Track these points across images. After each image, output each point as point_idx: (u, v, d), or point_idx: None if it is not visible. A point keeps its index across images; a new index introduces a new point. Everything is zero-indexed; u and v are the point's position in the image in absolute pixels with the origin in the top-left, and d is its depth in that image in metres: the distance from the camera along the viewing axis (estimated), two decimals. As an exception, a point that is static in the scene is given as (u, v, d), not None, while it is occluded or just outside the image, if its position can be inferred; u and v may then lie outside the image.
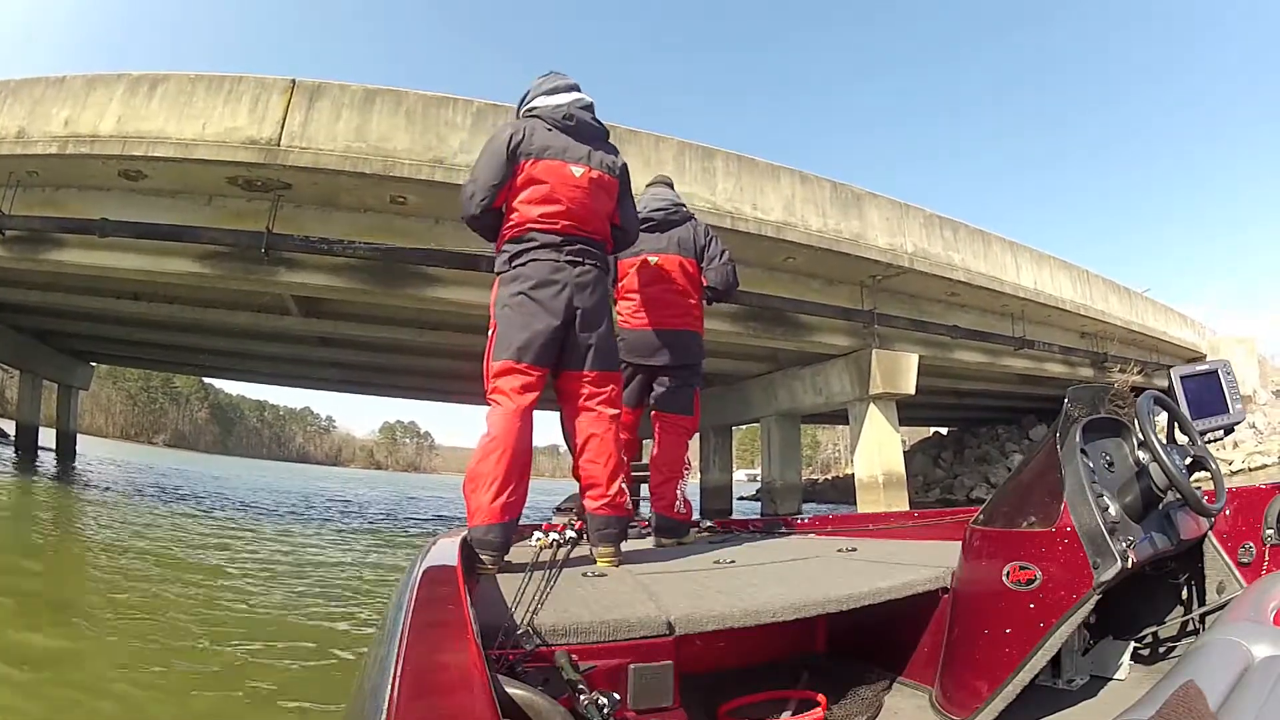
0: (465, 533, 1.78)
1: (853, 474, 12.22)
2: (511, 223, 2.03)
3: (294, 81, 7.88)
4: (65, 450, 20.68)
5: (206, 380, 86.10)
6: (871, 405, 11.36)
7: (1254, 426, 20.35)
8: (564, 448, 2.30)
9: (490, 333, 1.99)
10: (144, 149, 7.64)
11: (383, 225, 8.47)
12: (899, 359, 11.36)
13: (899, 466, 11.44)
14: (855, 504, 11.63)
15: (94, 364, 22.48)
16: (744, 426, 21.47)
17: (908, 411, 12.72)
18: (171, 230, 8.14)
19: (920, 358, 11.57)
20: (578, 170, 2.05)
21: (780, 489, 13.46)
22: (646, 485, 2.69)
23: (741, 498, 21.12)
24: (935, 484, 22.98)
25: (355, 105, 7.80)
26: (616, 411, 2.11)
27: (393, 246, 8.26)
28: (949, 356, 13.04)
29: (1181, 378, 1.66)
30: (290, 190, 8.11)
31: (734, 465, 18.08)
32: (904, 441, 15.04)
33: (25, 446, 19.07)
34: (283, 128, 7.59)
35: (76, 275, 9.74)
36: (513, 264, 2.01)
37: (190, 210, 8.38)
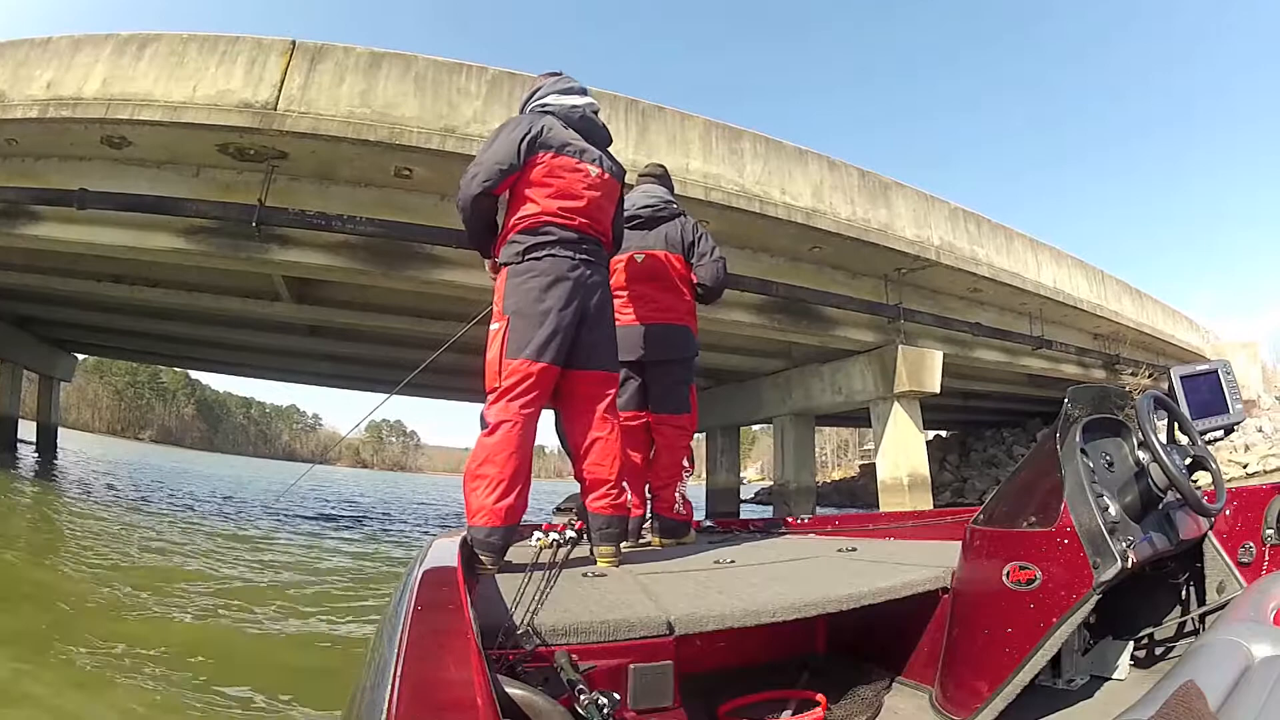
0: (465, 533, 1.75)
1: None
2: (526, 213, 1.97)
3: (294, 43, 7.28)
4: (45, 444, 19.92)
5: (193, 376, 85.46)
6: (896, 404, 10.89)
7: (1261, 430, 20.18)
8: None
9: (499, 327, 1.91)
10: (129, 112, 7.01)
11: (384, 200, 7.86)
12: (924, 356, 10.92)
13: (924, 468, 10.98)
14: (876, 506, 11.14)
15: (77, 355, 21.75)
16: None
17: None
18: (155, 202, 7.50)
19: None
20: (594, 170, 2.06)
21: (794, 491, 12.96)
22: (648, 487, 2.66)
23: (744, 501, 20.46)
24: (945, 487, 22.63)
25: (360, 69, 7.20)
26: (616, 415, 2.12)
27: (397, 222, 7.66)
28: (969, 355, 12.63)
29: (1182, 377, 1.64)
30: (285, 160, 7.50)
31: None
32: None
33: (2, 440, 18.27)
34: (280, 91, 6.98)
35: (54, 253, 9.13)
36: (526, 257, 1.94)
37: (177, 182, 7.74)
